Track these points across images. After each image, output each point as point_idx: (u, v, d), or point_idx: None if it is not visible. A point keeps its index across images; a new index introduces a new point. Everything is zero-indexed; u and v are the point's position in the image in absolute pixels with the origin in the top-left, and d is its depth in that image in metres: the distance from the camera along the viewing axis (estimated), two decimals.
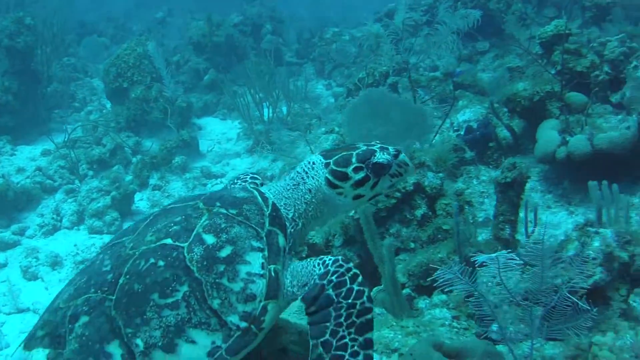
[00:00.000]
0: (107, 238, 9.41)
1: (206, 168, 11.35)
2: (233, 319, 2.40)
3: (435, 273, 3.57)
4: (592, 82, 8.03)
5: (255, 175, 3.25)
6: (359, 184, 2.71)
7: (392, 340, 4.20)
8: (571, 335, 3.47)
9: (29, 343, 2.58)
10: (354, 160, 2.71)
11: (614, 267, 4.47)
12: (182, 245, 2.50)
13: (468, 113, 9.09)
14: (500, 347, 3.89)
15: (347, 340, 2.39)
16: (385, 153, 2.73)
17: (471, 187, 7.69)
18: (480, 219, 6.88)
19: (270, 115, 12.41)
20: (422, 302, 5.15)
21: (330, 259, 2.54)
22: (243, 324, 2.41)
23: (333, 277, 2.48)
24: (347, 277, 2.48)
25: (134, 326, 2.39)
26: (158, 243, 2.54)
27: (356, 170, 2.70)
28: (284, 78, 13.08)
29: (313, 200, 2.77)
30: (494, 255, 3.37)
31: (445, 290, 3.96)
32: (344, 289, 2.45)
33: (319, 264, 2.55)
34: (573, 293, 3.45)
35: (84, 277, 2.63)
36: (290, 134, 9.94)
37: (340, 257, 2.56)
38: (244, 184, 3.12)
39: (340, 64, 15.50)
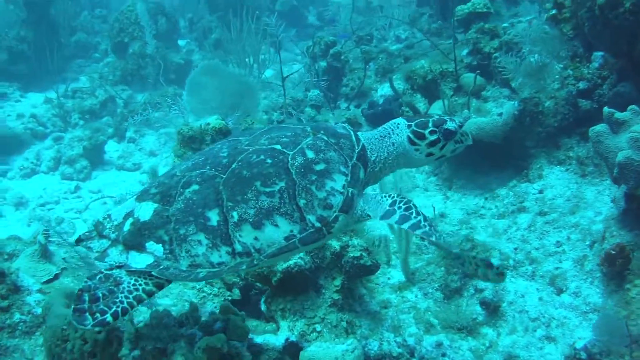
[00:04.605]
0: (73, 185, 10.40)
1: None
2: (311, 217, 3.08)
3: None
4: (491, 64, 7.84)
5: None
6: (432, 144, 3.44)
7: None
8: None
9: (142, 196, 3.24)
10: (430, 124, 3.44)
11: (325, 255, 4.72)
12: (288, 152, 3.18)
13: (386, 88, 9.06)
14: None
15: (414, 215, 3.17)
16: (453, 122, 3.47)
17: None
18: None
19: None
20: None
21: (395, 194, 3.31)
22: (317, 224, 3.09)
23: (401, 204, 3.22)
24: (411, 204, 3.24)
25: (234, 201, 3.05)
26: (269, 146, 3.22)
27: (431, 132, 3.43)
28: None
29: (394, 151, 3.48)
30: None
31: None
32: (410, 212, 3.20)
33: (386, 197, 3.28)
34: None
35: (201, 157, 3.31)
36: None
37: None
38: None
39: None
